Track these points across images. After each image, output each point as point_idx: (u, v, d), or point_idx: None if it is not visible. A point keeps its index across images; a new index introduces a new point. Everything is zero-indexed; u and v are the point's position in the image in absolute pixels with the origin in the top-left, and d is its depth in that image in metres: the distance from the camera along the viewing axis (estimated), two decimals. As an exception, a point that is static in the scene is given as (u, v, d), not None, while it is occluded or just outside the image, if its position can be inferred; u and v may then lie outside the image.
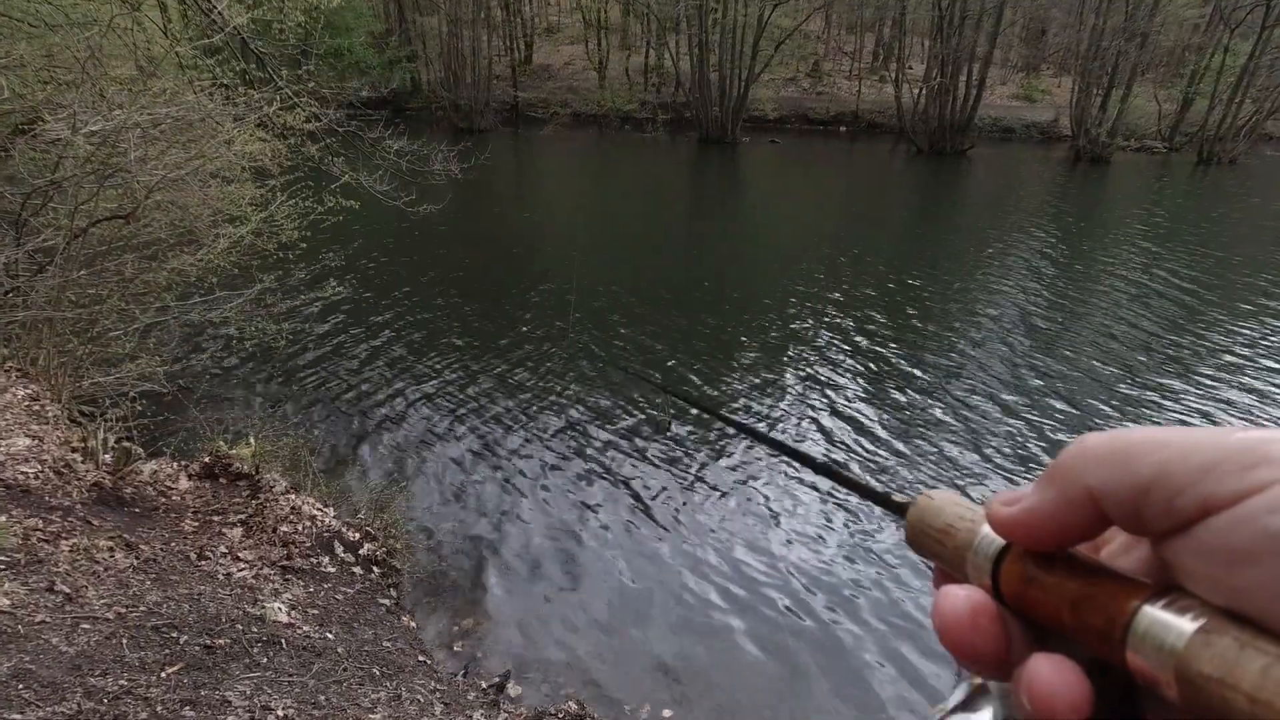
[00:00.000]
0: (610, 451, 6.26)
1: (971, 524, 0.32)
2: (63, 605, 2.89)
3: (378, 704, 3.04)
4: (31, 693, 2.36)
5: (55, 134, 5.28)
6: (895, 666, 4.14)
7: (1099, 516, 0.27)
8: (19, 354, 5.10)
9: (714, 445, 6.33)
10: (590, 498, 5.61)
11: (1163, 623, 0.24)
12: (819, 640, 4.33)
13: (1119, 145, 28.18)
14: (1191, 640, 0.23)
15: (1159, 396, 7.57)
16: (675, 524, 5.34)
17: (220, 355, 7.54)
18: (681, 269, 12.06)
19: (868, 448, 6.44)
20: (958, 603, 0.30)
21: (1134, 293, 11.17)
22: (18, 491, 3.54)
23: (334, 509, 4.79)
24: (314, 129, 7.71)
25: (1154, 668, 0.24)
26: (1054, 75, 41.28)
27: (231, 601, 3.44)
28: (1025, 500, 0.29)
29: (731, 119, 29.60)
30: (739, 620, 4.45)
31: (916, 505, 0.35)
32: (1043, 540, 0.29)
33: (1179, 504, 0.24)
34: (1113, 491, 0.26)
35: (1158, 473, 0.25)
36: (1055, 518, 0.28)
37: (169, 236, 6.10)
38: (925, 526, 0.34)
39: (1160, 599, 0.25)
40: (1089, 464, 0.27)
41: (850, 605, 4.60)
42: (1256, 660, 0.21)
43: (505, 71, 35.97)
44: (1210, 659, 0.22)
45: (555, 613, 4.48)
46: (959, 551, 0.32)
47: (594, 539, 5.16)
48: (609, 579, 4.78)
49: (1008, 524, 0.30)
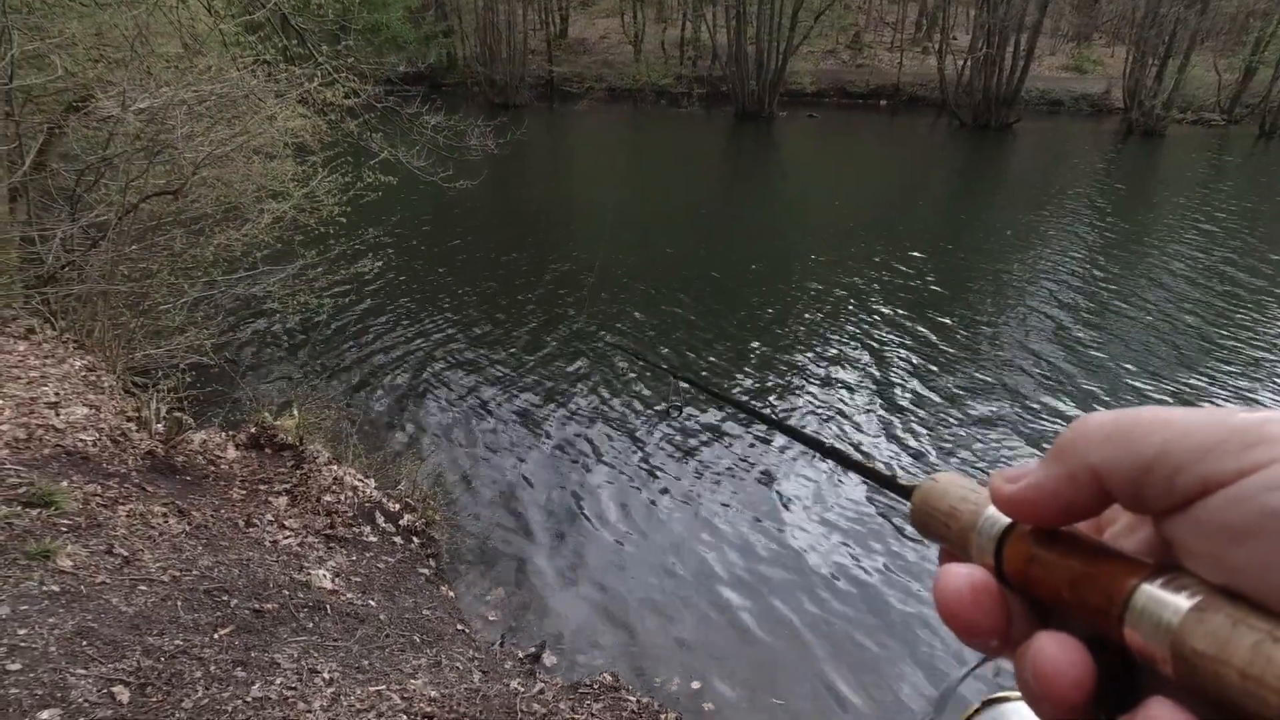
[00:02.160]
0: (643, 434, 6.29)
1: (975, 506, 0.32)
2: (121, 568, 3.02)
3: (419, 670, 3.13)
4: (95, 649, 2.48)
5: (106, 111, 5.41)
6: (911, 642, 4.13)
7: (1101, 494, 0.27)
8: (75, 326, 5.28)
9: (734, 434, 6.28)
10: (623, 479, 5.65)
11: (1160, 600, 0.24)
12: (839, 617, 4.34)
13: (1174, 118, 27.04)
14: (1186, 617, 0.23)
15: (1207, 382, 7.32)
16: (702, 506, 5.36)
17: (264, 329, 7.72)
18: (715, 247, 11.96)
19: (891, 430, 6.36)
20: (958, 580, 0.30)
21: (1188, 274, 10.78)
22: (78, 458, 3.69)
23: (374, 480, 4.91)
24: (353, 105, 7.77)
25: (1151, 644, 0.24)
26: (1107, 45, 39.68)
27: (279, 568, 3.56)
28: (1029, 477, 0.29)
29: (769, 93, 29.06)
30: (763, 598, 4.48)
31: (921, 488, 0.35)
32: (1045, 516, 0.29)
33: (1179, 482, 0.25)
34: (1115, 469, 0.26)
35: (1159, 450, 0.25)
36: (1058, 494, 0.28)
37: (215, 212, 6.23)
38: (930, 509, 0.34)
39: (1159, 577, 0.25)
40: (1092, 441, 0.27)
41: (871, 582, 4.58)
42: (1248, 636, 0.21)
43: (540, 46, 35.77)
44: (1204, 635, 0.22)
45: (587, 587, 4.54)
46: (963, 533, 0.32)
47: (625, 519, 5.21)
48: (639, 557, 4.82)
49: (1011, 500, 0.30)
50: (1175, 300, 9.61)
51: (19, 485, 3.20)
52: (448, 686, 2.98)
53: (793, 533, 5.04)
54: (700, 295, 9.52)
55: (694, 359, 7.75)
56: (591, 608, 4.37)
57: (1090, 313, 9.19)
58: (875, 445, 6.15)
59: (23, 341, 4.81)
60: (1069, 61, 37.29)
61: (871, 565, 4.76)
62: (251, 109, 6.31)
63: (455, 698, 2.88)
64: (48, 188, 6.28)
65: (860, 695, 3.84)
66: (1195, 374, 7.49)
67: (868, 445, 6.16)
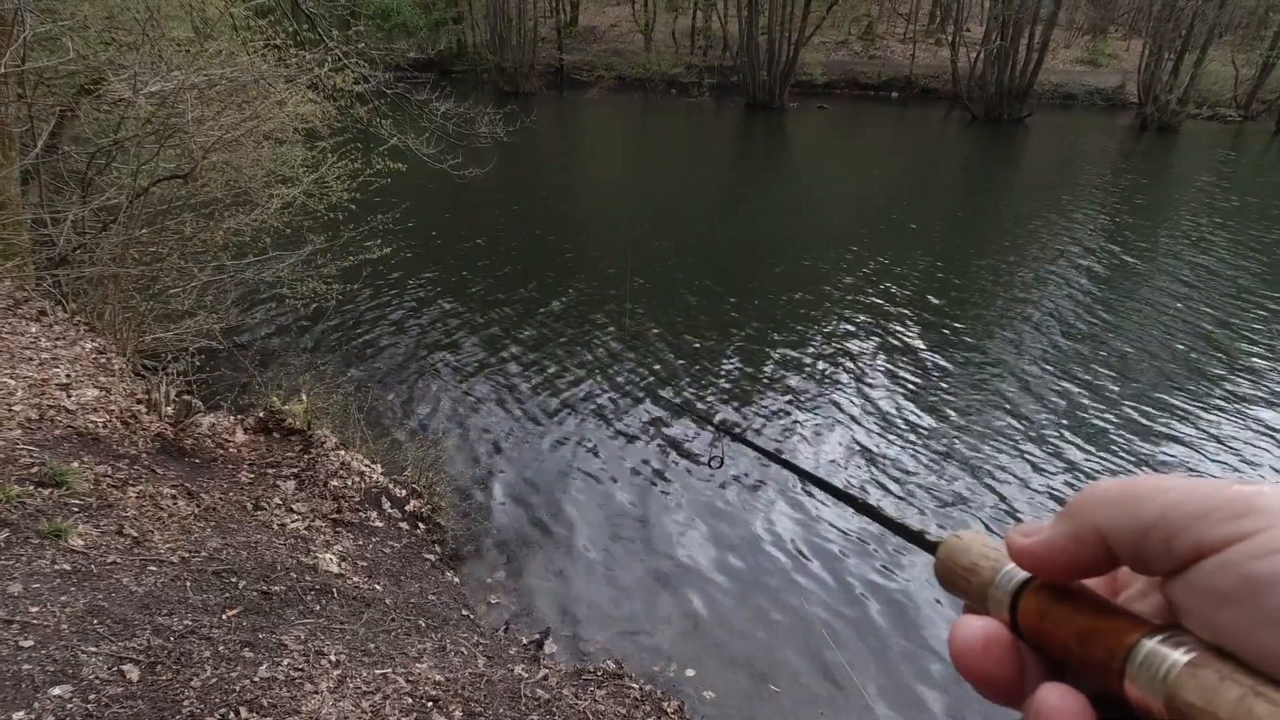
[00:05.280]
0: (650, 425, 6.30)
1: (995, 563, 0.34)
2: (131, 548, 3.05)
3: (424, 654, 3.16)
4: (105, 628, 2.51)
5: (118, 94, 5.42)
6: (909, 631, 4.14)
7: (1106, 554, 0.29)
8: (86, 309, 5.32)
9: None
10: (628, 469, 5.66)
11: (1158, 655, 0.26)
12: (839, 608, 4.36)
13: (1190, 113, 26.75)
14: (1181, 672, 0.25)
15: (1228, 403, 7.12)
16: (705, 497, 5.37)
17: (273, 314, 7.75)
18: (722, 242, 11.93)
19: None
20: (973, 631, 0.32)
21: (1205, 278, 10.70)
22: (88, 439, 3.72)
23: (381, 466, 4.94)
24: (363, 91, 7.76)
25: (1148, 697, 0.26)
26: (1122, 38, 39.23)
27: (286, 551, 3.59)
28: (1042, 533, 0.32)
29: (780, 83, 28.87)
30: (763, 588, 4.50)
31: (946, 544, 0.37)
32: (1055, 571, 0.31)
33: (1176, 546, 0.27)
34: (1118, 531, 0.29)
35: (1158, 516, 0.27)
36: (1067, 551, 0.30)
37: (225, 196, 6.24)
38: (953, 564, 0.36)
39: (1158, 635, 0.27)
40: (1098, 505, 0.30)
41: (871, 575, 4.60)
42: (1233, 691, 0.23)
43: (550, 34, 35.61)
44: (1194, 689, 0.24)
45: (589, 576, 4.57)
46: (983, 588, 0.34)
47: (629, 509, 5.22)
48: (642, 547, 4.84)
49: (1024, 553, 0.32)
50: (1193, 313, 9.53)
51: (31, 465, 3.23)
52: (452, 671, 3.00)
53: (795, 524, 5.06)
54: (708, 295, 9.50)
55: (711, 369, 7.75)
56: (594, 596, 4.39)
57: (1098, 327, 9.13)
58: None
59: (35, 323, 4.84)
60: (1083, 54, 36.90)
61: (871, 558, 4.77)
62: (261, 94, 6.31)
63: (460, 682, 2.90)
64: (59, 170, 6.32)
65: (858, 683, 3.86)
66: (1214, 387, 7.43)
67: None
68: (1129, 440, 6.25)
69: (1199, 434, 6.37)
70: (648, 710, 3.16)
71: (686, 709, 3.36)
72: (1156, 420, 6.56)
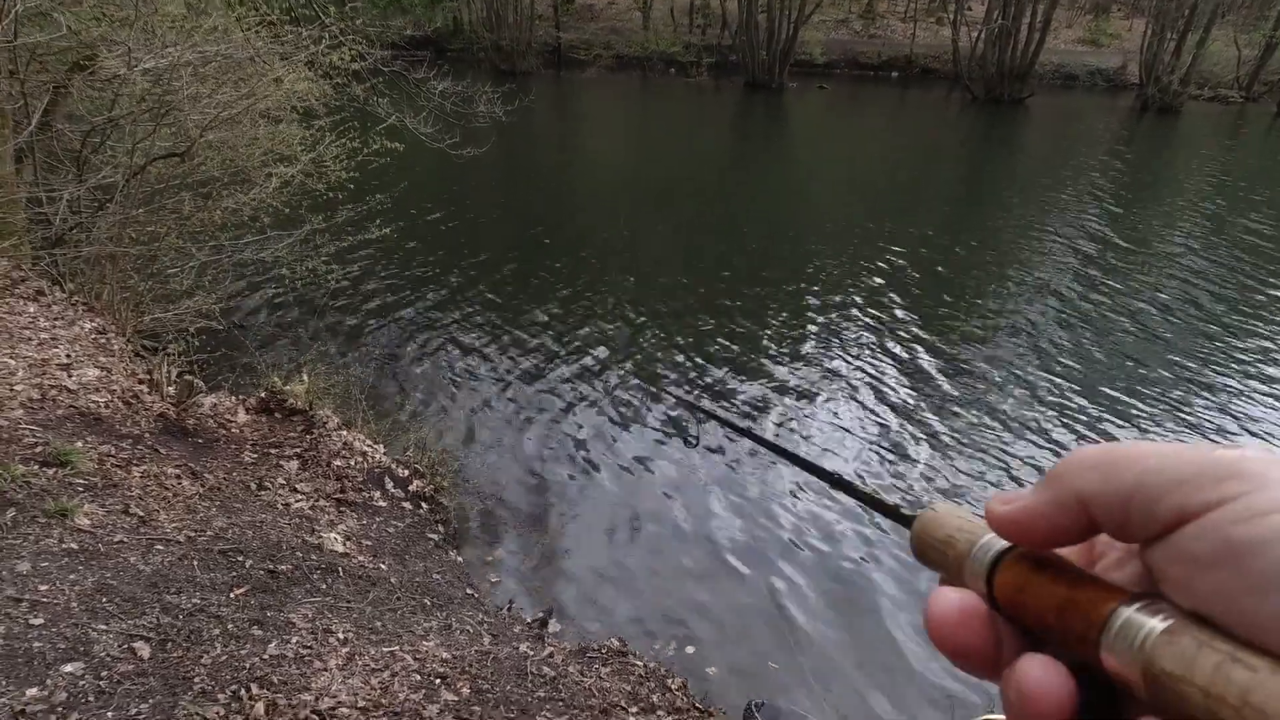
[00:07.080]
0: (652, 407, 6.30)
1: (971, 535, 0.33)
2: (137, 527, 3.06)
3: (430, 632, 3.18)
4: (114, 606, 2.52)
5: (111, 71, 5.35)
6: (910, 609, 4.17)
7: (1087, 521, 0.29)
8: (84, 289, 5.28)
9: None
10: (630, 450, 5.67)
11: (1134, 623, 0.26)
12: (838, 589, 4.40)
13: (1191, 94, 26.56)
14: (1157, 639, 0.25)
15: (1224, 387, 7.26)
16: (708, 477, 5.40)
17: (273, 295, 7.71)
18: (722, 226, 11.88)
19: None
20: (948, 603, 0.32)
21: (1205, 261, 10.70)
22: (91, 419, 3.72)
23: (383, 446, 4.94)
24: (359, 69, 7.66)
25: (1124, 666, 0.25)
26: (1125, 18, 38.85)
27: (291, 530, 3.60)
28: (1021, 500, 0.31)
29: (779, 63, 28.55)
30: (764, 567, 4.54)
31: (921, 518, 0.36)
32: (1034, 538, 0.31)
33: (1157, 512, 0.26)
34: (1099, 497, 0.28)
35: (1139, 481, 0.27)
36: (1047, 518, 0.30)
37: (223, 175, 6.19)
38: (928, 538, 0.35)
39: (1135, 603, 0.26)
40: (1080, 471, 0.29)
41: (872, 554, 4.63)
42: (1211, 658, 0.23)
43: (547, 11, 35.11)
44: (1171, 657, 0.24)
45: (592, 554, 4.60)
46: (958, 560, 0.33)
47: (631, 489, 5.25)
48: (644, 525, 4.87)
49: (1003, 520, 0.31)
50: (1189, 296, 9.55)
51: (35, 445, 3.23)
52: (459, 649, 3.03)
53: (795, 505, 5.08)
54: (698, 281, 9.47)
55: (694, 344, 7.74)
56: (597, 574, 4.42)
57: (1098, 308, 9.14)
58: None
59: (32, 303, 4.81)
60: (1084, 34, 36.54)
61: (871, 539, 4.80)
62: (258, 71, 6.23)
63: (467, 659, 2.93)
64: (54, 149, 6.24)
65: (857, 662, 3.91)
66: (1210, 363, 7.47)
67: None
68: (1122, 418, 6.30)
69: (1196, 413, 6.42)
70: (652, 686, 3.19)
71: (690, 685, 3.40)
72: (1154, 400, 6.60)
